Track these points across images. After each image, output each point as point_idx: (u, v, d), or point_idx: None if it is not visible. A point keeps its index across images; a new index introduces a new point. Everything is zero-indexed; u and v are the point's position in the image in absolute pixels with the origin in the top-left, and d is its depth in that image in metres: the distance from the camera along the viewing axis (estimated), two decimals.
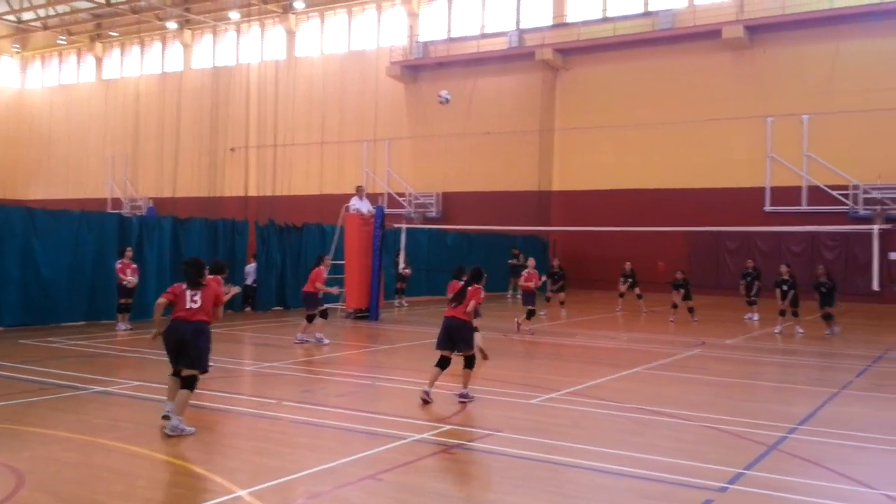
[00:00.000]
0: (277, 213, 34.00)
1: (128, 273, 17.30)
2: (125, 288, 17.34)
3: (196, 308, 8.52)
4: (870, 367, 14.26)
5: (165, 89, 51.61)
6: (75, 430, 8.30)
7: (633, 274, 25.18)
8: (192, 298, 8.55)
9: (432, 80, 41.30)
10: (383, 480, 6.84)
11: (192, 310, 8.51)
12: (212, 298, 8.65)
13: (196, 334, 8.47)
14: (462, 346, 10.37)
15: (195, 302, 8.54)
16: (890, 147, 30.50)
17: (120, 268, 17.31)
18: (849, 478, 7.18)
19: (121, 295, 17.46)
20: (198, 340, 8.48)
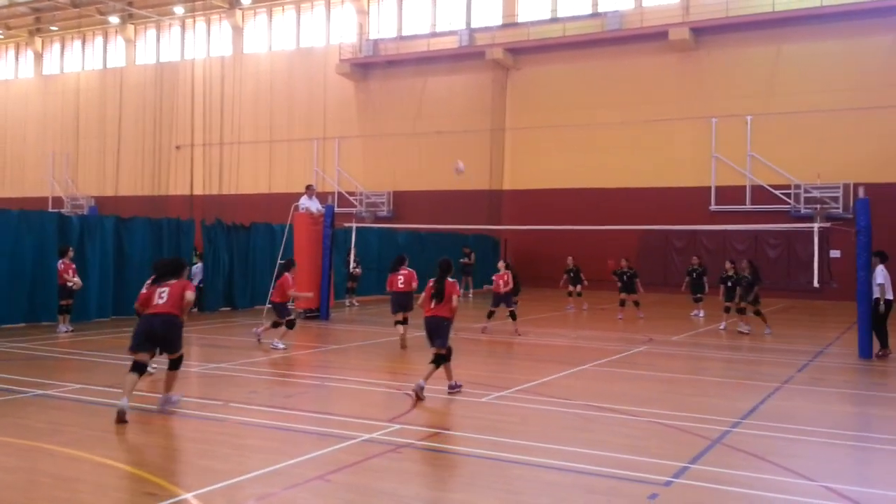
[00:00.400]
0: (225, 213, 33.59)
1: (70, 273, 16.87)
2: (67, 289, 16.94)
3: (163, 303, 9.23)
4: (811, 362, 14.59)
5: (107, 85, 50.63)
6: (14, 435, 8.10)
7: (577, 269, 25.30)
8: (160, 294, 9.27)
9: (382, 79, 41.23)
10: (332, 481, 6.80)
11: (160, 304, 9.23)
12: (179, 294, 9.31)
13: (166, 326, 9.22)
14: (438, 342, 10.58)
15: (162, 297, 9.26)
16: (829, 147, 31.27)
17: (62, 268, 16.89)
18: (790, 470, 7.33)
19: (62, 296, 17.07)
20: (170, 331, 9.27)
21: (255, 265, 23.71)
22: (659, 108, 34.38)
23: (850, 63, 31.27)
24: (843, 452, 8.36)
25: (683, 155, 34.03)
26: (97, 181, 50.34)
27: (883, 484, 7.12)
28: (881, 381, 12.89)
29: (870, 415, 10.59)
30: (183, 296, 9.32)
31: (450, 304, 10.63)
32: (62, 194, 50.45)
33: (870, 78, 30.90)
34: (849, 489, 6.81)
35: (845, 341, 17.63)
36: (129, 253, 20.43)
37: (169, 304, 9.24)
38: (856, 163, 30.63)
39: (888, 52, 30.87)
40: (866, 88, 30.85)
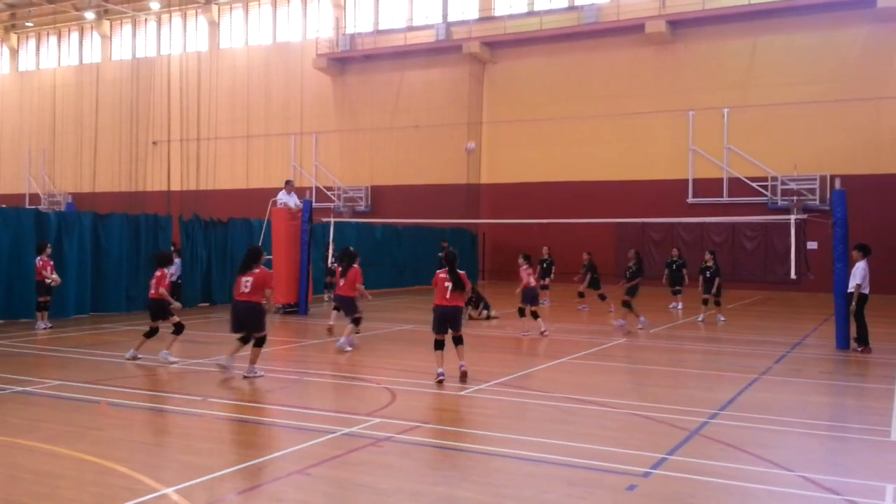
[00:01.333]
0: (202, 208, 33.39)
1: (49, 270, 16.82)
2: (45, 286, 16.85)
3: (247, 291, 10.99)
4: (788, 353, 14.72)
5: (83, 81, 50.14)
6: None
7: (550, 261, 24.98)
8: (245, 283, 11.00)
9: (359, 73, 41.11)
10: (312, 475, 6.79)
11: (244, 293, 11.00)
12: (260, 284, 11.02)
13: (248, 312, 11.07)
14: (457, 327, 11.27)
15: (246, 286, 10.98)
16: (806, 139, 31.53)
17: (40, 265, 16.83)
18: (768, 461, 7.40)
19: (40, 293, 16.96)
20: (251, 316, 11.08)
21: (232, 260, 23.52)
22: (636, 101, 34.51)
23: (826, 55, 31.54)
24: (820, 443, 8.45)
25: (661, 148, 34.20)
26: (74, 177, 49.88)
27: (859, 473, 7.20)
28: (858, 372, 13.03)
29: (846, 405, 10.71)
30: (263, 288, 11.06)
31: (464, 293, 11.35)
32: (39, 191, 49.97)
33: (845, 70, 31.18)
34: (826, 479, 6.88)
35: (822, 332, 17.80)
36: (106, 249, 20.31)
37: (251, 293, 11.00)
38: (832, 154, 30.91)
39: (863, 44, 31.15)
40: (842, 80, 31.12)
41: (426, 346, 15.35)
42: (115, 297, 20.47)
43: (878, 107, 30.63)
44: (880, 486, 6.68)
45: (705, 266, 20.05)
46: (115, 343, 15.01)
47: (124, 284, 20.67)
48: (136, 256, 20.98)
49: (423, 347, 15.17)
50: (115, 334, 16.45)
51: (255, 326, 11.22)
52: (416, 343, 15.80)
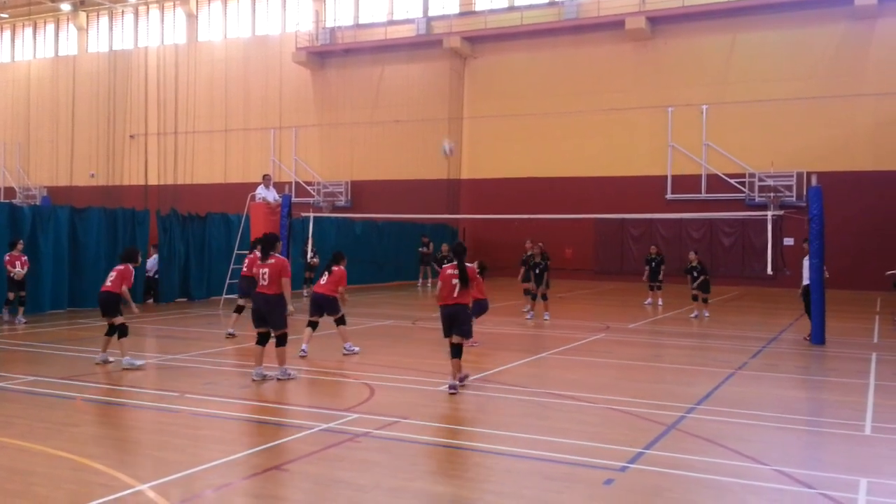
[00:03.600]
0: (180, 203, 33.19)
1: (17, 265, 16.84)
2: (14, 280, 16.86)
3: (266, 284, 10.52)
4: (764, 348, 14.84)
5: (59, 74, 49.60)
6: None
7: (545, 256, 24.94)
8: (263, 276, 10.55)
9: (339, 67, 40.96)
10: (290, 471, 6.77)
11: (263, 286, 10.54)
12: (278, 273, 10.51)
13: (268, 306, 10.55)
14: (462, 330, 10.29)
15: (264, 279, 10.53)
16: (783, 136, 31.75)
17: (8, 260, 16.89)
18: (743, 454, 7.45)
19: (9, 288, 16.96)
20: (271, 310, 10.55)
21: (211, 256, 23.45)
22: (616, 97, 34.62)
23: (803, 52, 31.76)
24: (795, 437, 8.52)
25: (640, 144, 34.33)
26: (50, 171, 49.36)
27: (833, 467, 7.27)
28: (833, 367, 13.15)
29: (822, 399, 10.81)
30: (280, 280, 10.52)
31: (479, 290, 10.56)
32: (14, 184, 49.40)
33: (822, 67, 31.41)
34: (800, 472, 6.94)
35: (798, 327, 17.95)
36: (84, 243, 20.14)
37: (270, 285, 10.50)
38: (808, 151, 31.14)
39: (840, 42, 31.39)
40: (818, 77, 31.36)
41: (405, 342, 15.39)
42: (92, 292, 20.18)
43: (853, 104, 30.89)
44: (854, 479, 6.75)
45: (691, 266, 20.15)
46: (92, 339, 14.87)
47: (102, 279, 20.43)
48: (113, 251, 20.76)
49: (402, 343, 15.18)
50: (92, 330, 16.30)
51: (276, 322, 10.68)
52: (395, 339, 15.80)
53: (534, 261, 19.07)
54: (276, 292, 10.55)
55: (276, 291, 10.55)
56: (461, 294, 10.27)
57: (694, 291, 20.01)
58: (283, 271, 10.57)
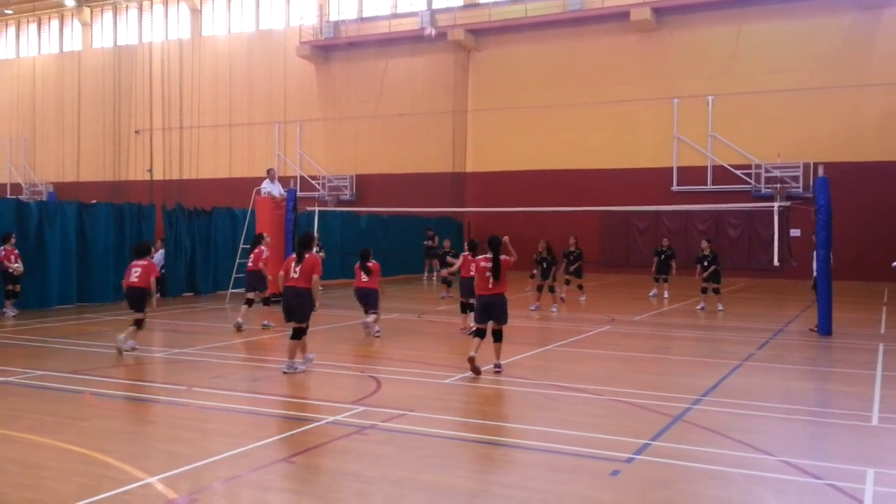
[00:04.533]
0: (186, 197, 33.20)
1: (12, 259, 17.15)
2: (10, 274, 17.17)
3: (296, 277, 10.86)
4: (771, 339, 14.83)
5: (64, 70, 49.65)
6: None
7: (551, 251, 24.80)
8: (294, 269, 10.88)
9: (343, 61, 40.92)
10: (297, 463, 6.80)
11: (293, 279, 10.88)
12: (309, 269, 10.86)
13: (297, 298, 10.85)
14: (501, 319, 10.90)
15: (296, 273, 10.86)
16: (790, 127, 31.64)
17: (3, 254, 17.12)
18: (750, 446, 7.45)
19: (7, 281, 17.22)
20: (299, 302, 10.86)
21: (216, 250, 23.51)
22: (621, 88, 34.54)
23: (810, 43, 31.62)
24: (802, 427, 8.52)
25: (645, 136, 34.25)
26: (56, 167, 49.45)
27: (840, 458, 7.28)
28: (840, 358, 13.14)
29: (828, 390, 10.80)
30: (311, 274, 10.87)
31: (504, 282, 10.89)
32: (20, 180, 49.51)
33: (828, 58, 31.28)
34: (807, 463, 6.95)
35: (805, 319, 17.93)
36: (92, 239, 20.21)
37: (300, 279, 10.84)
38: (815, 142, 31.04)
39: (847, 32, 31.24)
40: (826, 68, 31.23)
41: (412, 335, 15.40)
42: (101, 286, 20.38)
43: (861, 94, 30.77)
44: (861, 470, 6.75)
45: (703, 255, 20.05)
46: (100, 333, 14.94)
47: (111, 274, 20.57)
48: (120, 246, 20.88)
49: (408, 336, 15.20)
50: (100, 324, 16.38)
51: (300, 315, 10.91)
52: (402, 332, 15.81)
53: (541, 256, 19.26)
54: (306, 286, 10.88)
55: (305, 285, 10.88)
56: (496, 285, 10.82)
57: (704, 284, 19.93)
58: (315, 268, 10.94)
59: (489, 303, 10.83)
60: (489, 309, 10.84)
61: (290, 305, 10.96)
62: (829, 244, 15.02)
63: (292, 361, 10.89)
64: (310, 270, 10.89)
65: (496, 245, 10.97)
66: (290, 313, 10.94)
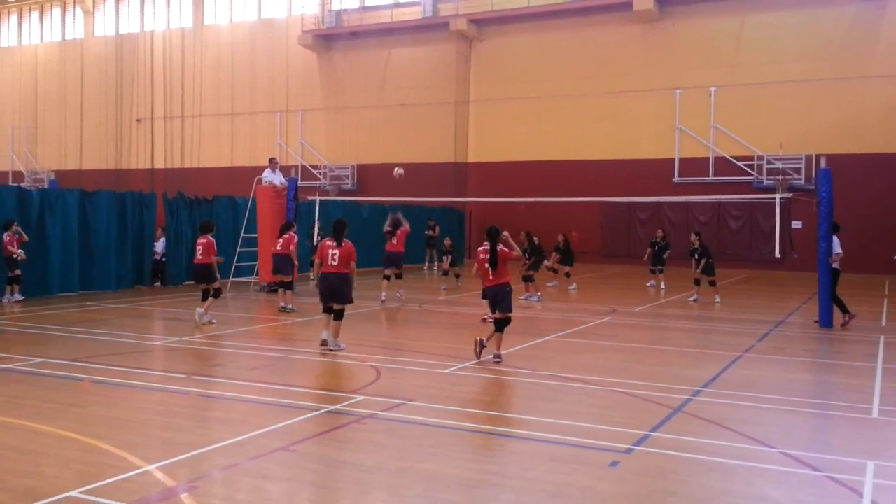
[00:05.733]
0: (187, 186, 33.13)
1: (15, 245, 17.31)
2: (13, 260, 17.34)
3: (335, 264, 11.53)
4: (771, 331, 14.81)
5: (66, 58, 49.56)
6: None
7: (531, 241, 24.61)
8: (333, 256, 11.51)
9: (346, 50, 40.82)
10: (296, 451, 6.79)
11: (332, 265, 11.55)
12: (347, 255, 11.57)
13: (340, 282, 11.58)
14: (504, 307, 11.04)
15: (334, 259, 11.51)
16: (791, 118, 31.57)
17: (7, 240, 17.28)
18: (749, 437, 7.44)
19: (10, 267, 17.39)
20: (341, 286, 11.59)
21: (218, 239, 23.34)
22: (623, 79, 34.45)
23: (812, 34, 31.52)
24: (802, 419, 8.51)
25: (648, 126, 34.18)
26: (58, 155, 49.40)
27: (840, 450, 7.26)
28: (841, 350, 13.13)
29: (829, 382, 10.79)
30: (349, 260, 11.59)
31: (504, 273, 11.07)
32: (23, 169, 49.49)
33: (831, 49, 31.17)
34: (807, 455, 6.94)
35: (806, 310, 17.92)
36: (94, 226, 20.23)
37: (339, 265, 11.55)
38: (817, 134, 30.98)
39: (849, 24, 31.13)
40: (828, 59, 31.13)
41: (412, 325, 15.41)
42: (103, 274, 20.39)
43: (863, 85, 30.69)
44: (861, 462, 6.73)
45: (693, 248, 20.02)
46: (101, 321, 14.95)
47: (113, 262, 20.59)
48: (122, 234, 20.90)
49: (408, 326, 15.20)
50: (101, 312, 16.38)
51: (342, 297, 11.63)
52: (402, 321, 15.82)
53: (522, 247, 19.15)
54: (346, 271, 11.64)
55: (345, 271, 11.63)
56: (496, 274, 11.04)
57: (696, 275, 19.89)
58: (352, 255, 11.66)
59: (495, 292, 11.13)
60: (496, 298, 11.10)
61: (331, 289, 11.62)
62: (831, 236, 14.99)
63: (336, 341, 11.64)
64: (348, 257, 11.61)
65: (494, 235, 11.19)
66: (332, 296, 11.61)
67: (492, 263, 10.98)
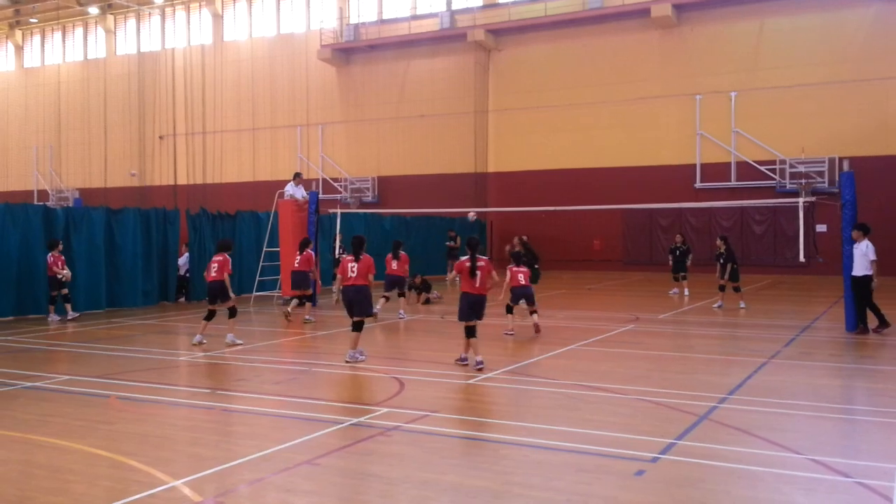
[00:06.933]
0: (210, 202, 33.46)
1: (59, 266, 17.48)
2: (58, 280, 17.50)
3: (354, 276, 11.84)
4: (797, 336, 14.68)
5: (89, 77, 50.17)
6: (4, 427, 8.09)
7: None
8: (352, 269, 11.86)
9: (364, 63, 41.02)
10: (321, 465, 6.81)
11: (352, 277, 11.86)
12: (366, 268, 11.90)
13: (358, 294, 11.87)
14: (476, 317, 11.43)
15: (353, 272, 11.84)
16: (813, 121, 31.33)
17: (51, 261, 17.46)
18: (777, 444, 7.38)
19: (52, 287, 17.59)
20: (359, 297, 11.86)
21: (241, 253, 23.59)
22: (643, 86, 34.36)
23: (833, 36, 31.29)
24: (830, 425, 8.42)
25: (668, 133, 34.05)
26: (82, 173, 49.95)
27: (868, 455, 7.18)
28: (867, 355, 12.98)
29: (856, 387, 10.68)
30: (367, 273, 11.90)
31: (484, 285, 11.47)
32: (47, 187, 50.10)
33: (852, 51, 30.93)
34: (835, 461, 6.86)
35: (832, 315, 17.74)
36: (120, 244, 20.43)
37: (358, 277, 11.85)
38: (840, 136, 30.71)
39: (870, 25, 30.89)
40: (849, 61, 30.89)
41: (434, 336, 15.42)
42: (130, 291, 20.57)
43: (886, 87, 30.40)
44: (891, 467, 6.65)
45: (718, 252, 19.88)
46: (127, 337, 15.08)
47: (139, 279, 20.76)
48: (147, 251, 21.08)
49: (431, 337, 15.22)
50: (127, 328, 16.52)
51: (363, 309, 11.94)
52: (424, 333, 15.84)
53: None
54: (364, 283, 11.93)
55: (364, 283, 11.93)
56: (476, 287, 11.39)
57: (721, 281, 19.75)
58: (371, 268, 12.02)
59: (474, 301, 11.43)
60: (473, 307, 11.41)
61: (350, 302, 11.94)
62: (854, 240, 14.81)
63: (354, 351, 11.91)
64: (366, 270, 11.95)
65: (473, 246, 11.69)
66: (352, 308, 11.95)
67: (470, 272, 11.37)
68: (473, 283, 11.40)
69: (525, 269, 15.12)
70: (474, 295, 11.43)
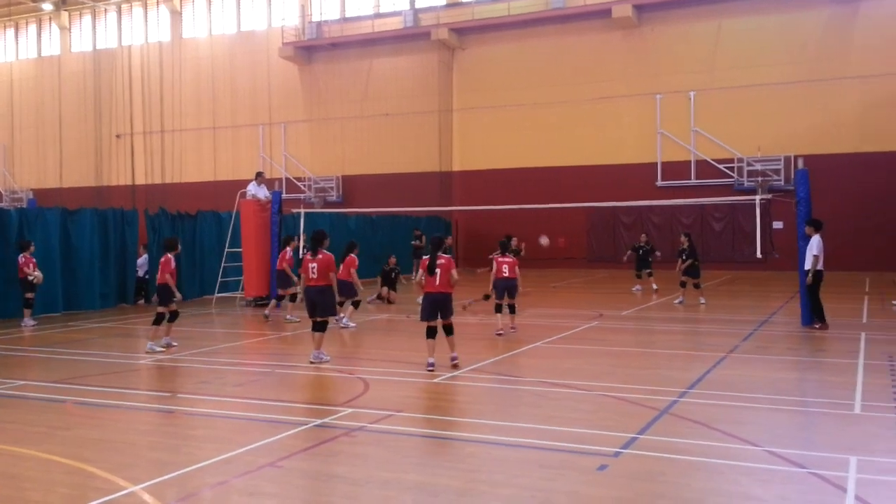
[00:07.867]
0: (169, 202, 33.03)
1: (31, 267, 17.05)
2: (29, 283, 17.04)
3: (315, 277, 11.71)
4: (755, 331, 14.90)
5: (43, 75, 49.24)
6: None
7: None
8: (312, 270, 11.72)
9: (327, 62, 40.82)
10: (284, 467, 6.78)
11: (313, 278, 11.73)
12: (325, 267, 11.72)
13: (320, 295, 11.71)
14: (446, 315, 11.32)
15: (314, 272, 11.71)
16: (769, 120, 31.80)
17: (23, 262, 17.06)
18: (735, 437, 7.50)
19: (25, 290, 17.14)
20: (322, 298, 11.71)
21: (202, 254, 23.39)
22: (604, 85, 34.62)
23: (789, 37, 31.79)
24: (787, 417, 8.57)
25: (629, 132, 34.36)
26: (37, 173, 49.05)
27: (824, 447, 7.33)
28: (823, 348, 13.22)
29: (811, 380, 10.87)
30: (328, 272, 11.72)
31: (447, 282, 11.22)
32: (0, 188, 49.15)
33: (808, 51, 31.45)
34: (791, 453, 6.99)
35: (788, 310, 18.03)
36: (76, 245, 20.05)
37: (319, 278, 11.70)
38: (796, 135, 31.21)
39: (825, 26, 31.43)
40: (805, 62, 31.40)
41: (400, 335, 15.40)
42: (87, 294, 20.23)
43: (839, 87, 30.95)
44: (844, 458, 6.80)
45: (681, 249, 20.12)
46: (85, 340, 14.86)
47: (97, 281, 20.41)
48: (105, 252, 20.74)
49: (396, 337, 15.20)
50: (85, 332, 16.28)
51: (326, 309, 11.79)
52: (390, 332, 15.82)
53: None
54: (325, 283, 11.75)
55: (325, 283, 11.75)
56: (442, 282, 11.19)
57: (682, 278, 20.00)
58: (330, 266, 11.82)
59: (435, 300, 11.25)
60: (436, 306, 11.25)
61: (313, 302, 11.78)
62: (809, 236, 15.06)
63: (319, 352, 11.74)
64: (326, 268, 11.78)
65: (436, 245, 11.56)
66: (315, 309, 11.76)
67: (429, 269, 11.22)
68: (434, 280, 11.22)
69: (510, 260, 14.80)
70: (435, 293, 11.25)
